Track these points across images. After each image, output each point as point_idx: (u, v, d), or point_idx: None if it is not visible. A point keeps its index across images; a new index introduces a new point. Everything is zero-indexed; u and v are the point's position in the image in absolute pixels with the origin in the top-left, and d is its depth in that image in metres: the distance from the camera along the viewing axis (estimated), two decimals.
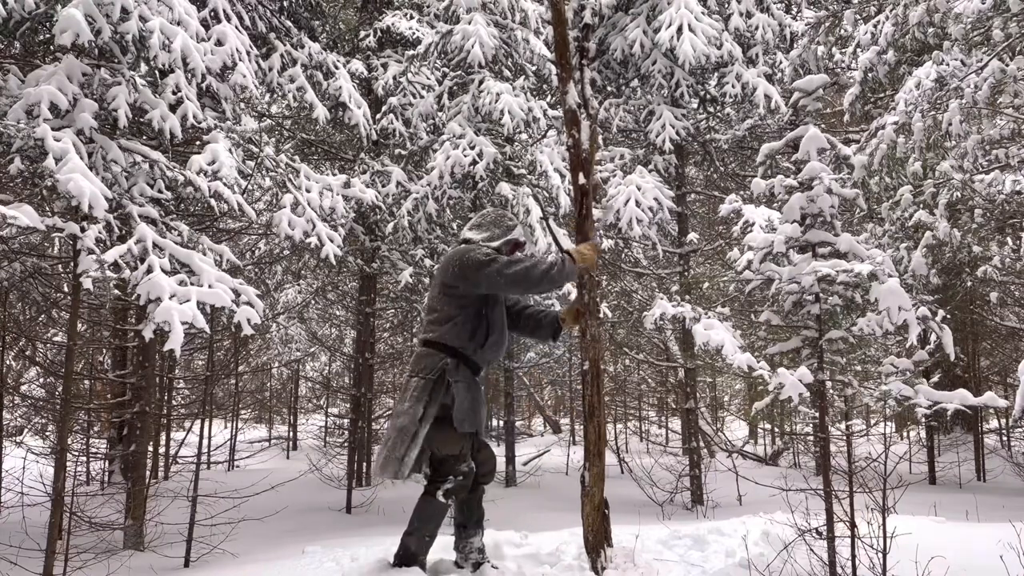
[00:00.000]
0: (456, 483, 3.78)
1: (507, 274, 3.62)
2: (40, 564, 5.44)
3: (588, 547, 4.00)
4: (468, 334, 3.78)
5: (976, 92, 6.77)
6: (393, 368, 17.10)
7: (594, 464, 3.99)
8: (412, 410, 3.68)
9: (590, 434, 4.04)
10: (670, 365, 12.03)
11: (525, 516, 8.15)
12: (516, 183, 8.50)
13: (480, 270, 3.66)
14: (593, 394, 4.05)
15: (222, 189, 6.19)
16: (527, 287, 3.76)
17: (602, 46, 10.62)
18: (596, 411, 4.04)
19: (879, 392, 3.91)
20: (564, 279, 3.76)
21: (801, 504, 4.17)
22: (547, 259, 3.72)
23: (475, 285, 3.73)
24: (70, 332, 5.93)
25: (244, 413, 17.64)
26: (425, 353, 3.81)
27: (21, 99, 5.18)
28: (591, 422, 4.04)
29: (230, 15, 6.99)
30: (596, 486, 3.98)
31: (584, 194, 4.08)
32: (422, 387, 3.72)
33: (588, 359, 4.06)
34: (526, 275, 3.64)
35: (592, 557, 3.96)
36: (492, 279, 3.65)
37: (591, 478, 3.99)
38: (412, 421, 3.66)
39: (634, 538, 4.43)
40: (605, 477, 4.05)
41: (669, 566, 4.20)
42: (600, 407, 4.06)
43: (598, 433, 4.03)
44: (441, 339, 3.78)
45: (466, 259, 3.72)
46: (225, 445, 13.10)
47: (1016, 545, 3.67)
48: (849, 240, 4.08)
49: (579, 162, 4.11)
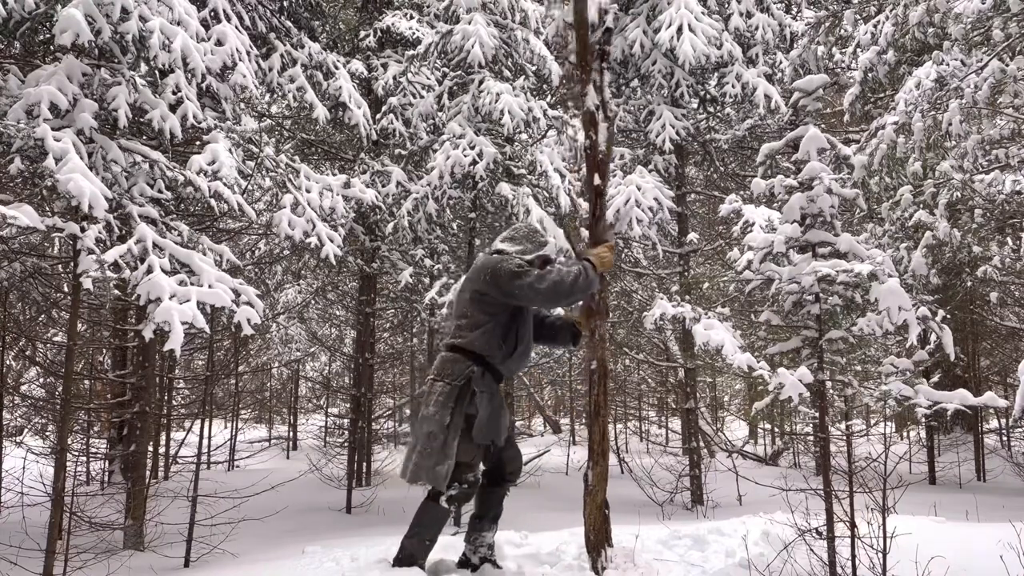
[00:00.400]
0: (461, 491, 3.81)
1: (539, 287, 3.66)
2: (40, 564, 5.44)
3: (589, 546, 4.00)
4: (497, 343, 3.81)
5: (976, 92, 6.77)
6: (393, 368, 17.12)
7: (598, 463, 4.00)
8: (439, 416, 3.71)
9: (595, 433, 4.04)
10: (670, 365, 12.03)
11: (525, 516, 8.14)
12: (516, 183, 8.50)
13: (512, 280, 3.70)
14: (599, 393, 4.04)
15: (222, 189, 6.18)
16: (557, 299, 3.80)
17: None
18: (602, 410, 4.04)
19: (879, 392, 3.91)
20: (590, 287, 3.79)
21: (801, 504, 4.17)
22: (573, 269, 3.74)
23: (506, 295, 3.76)
24: (70, 332, 5.93)
25: (244, 413, 17.64)
26: (452, 358, 3.83)
27: (21, 99, 5.18)
28: (596, 421, 4.04)
29: (230, 15, 6.98)
30: (599, 485, 3.99)
31: (599, 195, 4.10)
32: (448, 393, 3.75)
33: (596, 359, 4.05)
34: (556, 287, 3.67)
35: (592, 556, 3.96)
36: (524, 290, 3.69)
37: (594, 477, 3.99)
38: (440, 429, 3.70)
39: (634, 538, 4.43)
40: (608, 477, 4.06)
41: (669, 566, 4.20)
42: (606, 407, 4.06)
43: (602, 433, 4.03)
44: (469, 345, 3.80)
45: (499, 268, 3.75)
46: (225, 445, 13.09)
47: (1016, 545, 3.67)
48: (849, 240, 4.08)
49: (596, 163, 4.12)
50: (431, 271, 9.15)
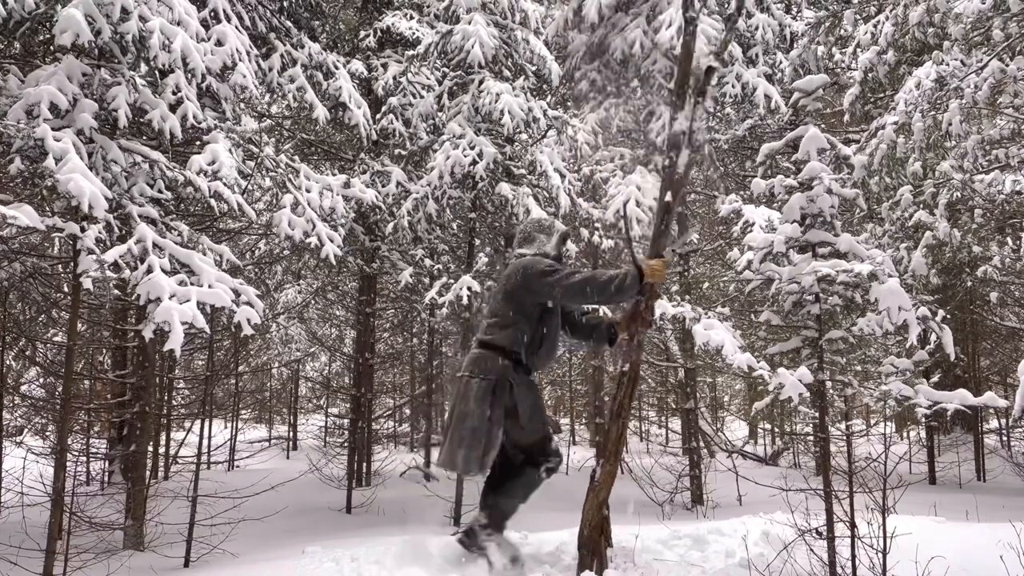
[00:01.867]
0: (555, 463, 4.14)
1: (567, 284, 3.87)
2: (40, 564, 5.44)
3: (581, 540, 4.04)
4: (525, 339, 4.04)
5: (976, 92, 6.77)
6: (393, 368, 17.10)
7: (608, 462, 4.09)
8: (479, 411, 3.93)
9: (612, 432, 4.14)
10: (670, 365, 12.02)
11: (525, 516, 8.13)
12: (516, 183, 8.49)
13: (542, 279, 3.93)
14: (625, 396, 4.15)
15: (222, 189, 6.18)
16: (586, 297, 3.97)
17: (602, 46, 10.62)
18: (624, 412, 4.15)
19: (879, 392, 3.91)
20: (627, 292, 3.94)
21: (801, 504, 4.17)
22: (608, 272, 3.93)
23: (537, 294, 3.99)
24: (70, 332, 5.93)
25: (244, 413, 17.63)
26: (482, 355, 4.05)
27: (21, 99, 5.18)
28: (616, 422, 4.13)
29: (230, 15, 6.98)
30: (605, 483, 4.07)
31: (667, 211, 4.21)
32: (484, 388, 3.96)
33: (630, 362, 4.16)
34: (584, 287, 3.85)
35: (582, 553, 4.00)
36: (553, 289, 3.91)
37: (602, 474, 4.07)
38: (482, 423, 3.91)
39: (634, 538, 4.44)
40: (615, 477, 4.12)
41: (669, 566, 4.20)
42: (628, 410, 4.19)
43: (619, 434, 4.13)
44: (498, 342, 4.04)
45: (530, 269, 3.99)
46: (225, 445, 13.09)
47: (1016, 545, 3.67)
48: (849, 240, 4.08)
49: (671, 182, 4.24)
50: (431, 271, 9.15)
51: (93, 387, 11.24)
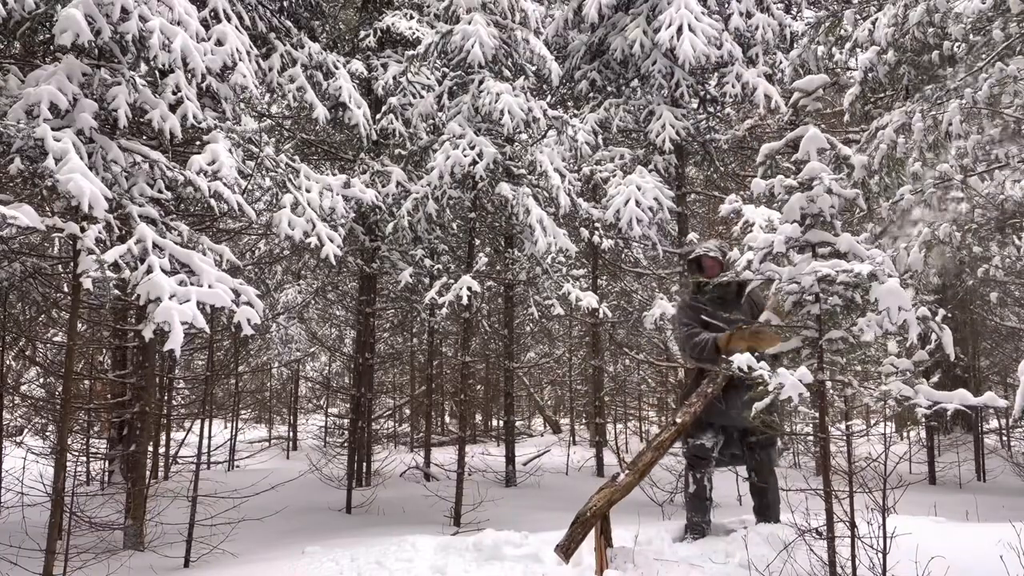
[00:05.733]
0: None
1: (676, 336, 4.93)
2: (40, 564, 5.44)
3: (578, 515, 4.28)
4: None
5: (976, 92, 6.77)
6: (393, 368, 17.11)
7: (635, 476, 4.46)
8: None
9: (646, 457, 4.61)
10: (670, 365, 12.03)
11: (525, 516, 8.15)
12: (516, 183, 8.49)
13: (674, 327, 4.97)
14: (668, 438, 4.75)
15: (222, 189, 6.18)
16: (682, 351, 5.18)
17: (602, 46, 10.63)
18: (663, 450, 4.73)
19: (879, 392, 3.90)
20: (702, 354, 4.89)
21: (801, 504, 4.17)
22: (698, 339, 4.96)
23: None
24: (70, 332, 5.92)
25: (244, 413, 17.64)
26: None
27: (21, 99, 5.17)
28: (654, 452, 4.64)
29: (230, 15, 6.98)
30: (623, 490, 4.40)
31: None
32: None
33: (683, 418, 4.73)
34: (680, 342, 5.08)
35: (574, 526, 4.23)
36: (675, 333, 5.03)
37: (625, 482, 4.43)
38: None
39: (634, 538, 4.44)
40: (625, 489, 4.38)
41: (669, 566, 4.20)
42: (667, 449, 4.71)
43: (652, 460, 4.60)
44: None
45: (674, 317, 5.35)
46: (225, 445, 13.09)
47: (1016, 545, 3.67)
48: (849, 240, 4.07)
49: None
50: (431, 271, 9.15)
51: (93, 387, 11.24)
